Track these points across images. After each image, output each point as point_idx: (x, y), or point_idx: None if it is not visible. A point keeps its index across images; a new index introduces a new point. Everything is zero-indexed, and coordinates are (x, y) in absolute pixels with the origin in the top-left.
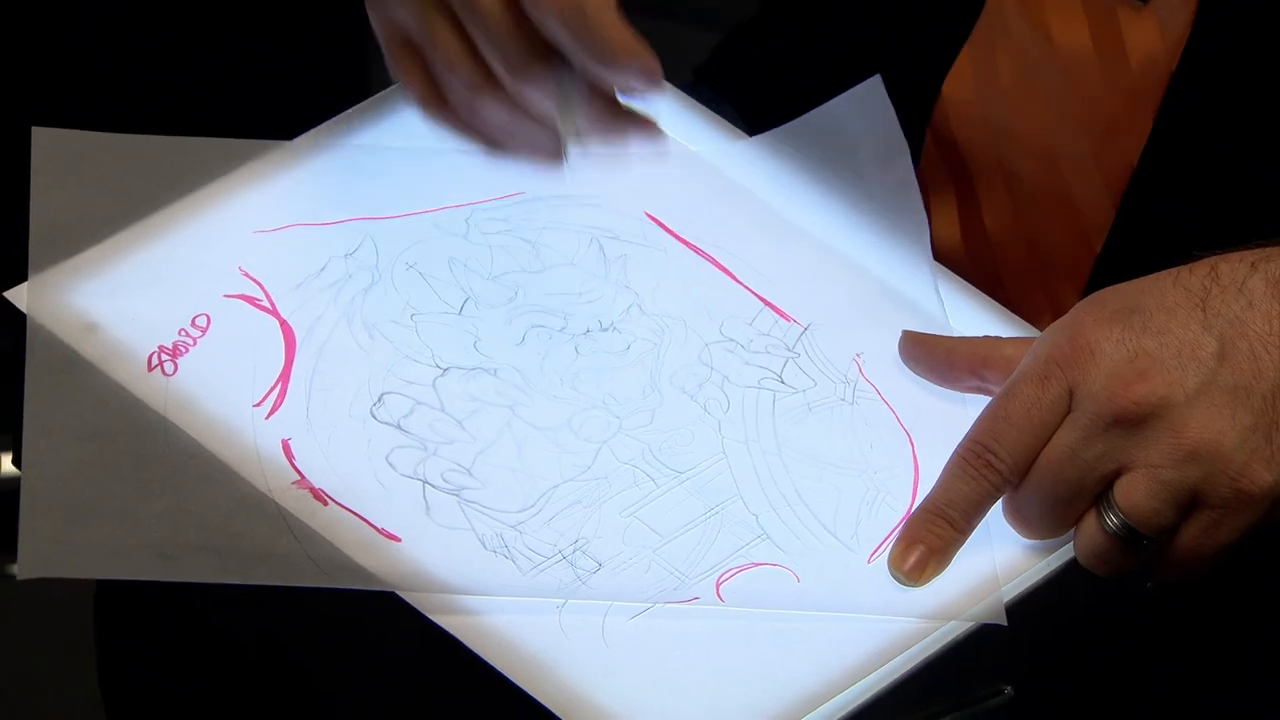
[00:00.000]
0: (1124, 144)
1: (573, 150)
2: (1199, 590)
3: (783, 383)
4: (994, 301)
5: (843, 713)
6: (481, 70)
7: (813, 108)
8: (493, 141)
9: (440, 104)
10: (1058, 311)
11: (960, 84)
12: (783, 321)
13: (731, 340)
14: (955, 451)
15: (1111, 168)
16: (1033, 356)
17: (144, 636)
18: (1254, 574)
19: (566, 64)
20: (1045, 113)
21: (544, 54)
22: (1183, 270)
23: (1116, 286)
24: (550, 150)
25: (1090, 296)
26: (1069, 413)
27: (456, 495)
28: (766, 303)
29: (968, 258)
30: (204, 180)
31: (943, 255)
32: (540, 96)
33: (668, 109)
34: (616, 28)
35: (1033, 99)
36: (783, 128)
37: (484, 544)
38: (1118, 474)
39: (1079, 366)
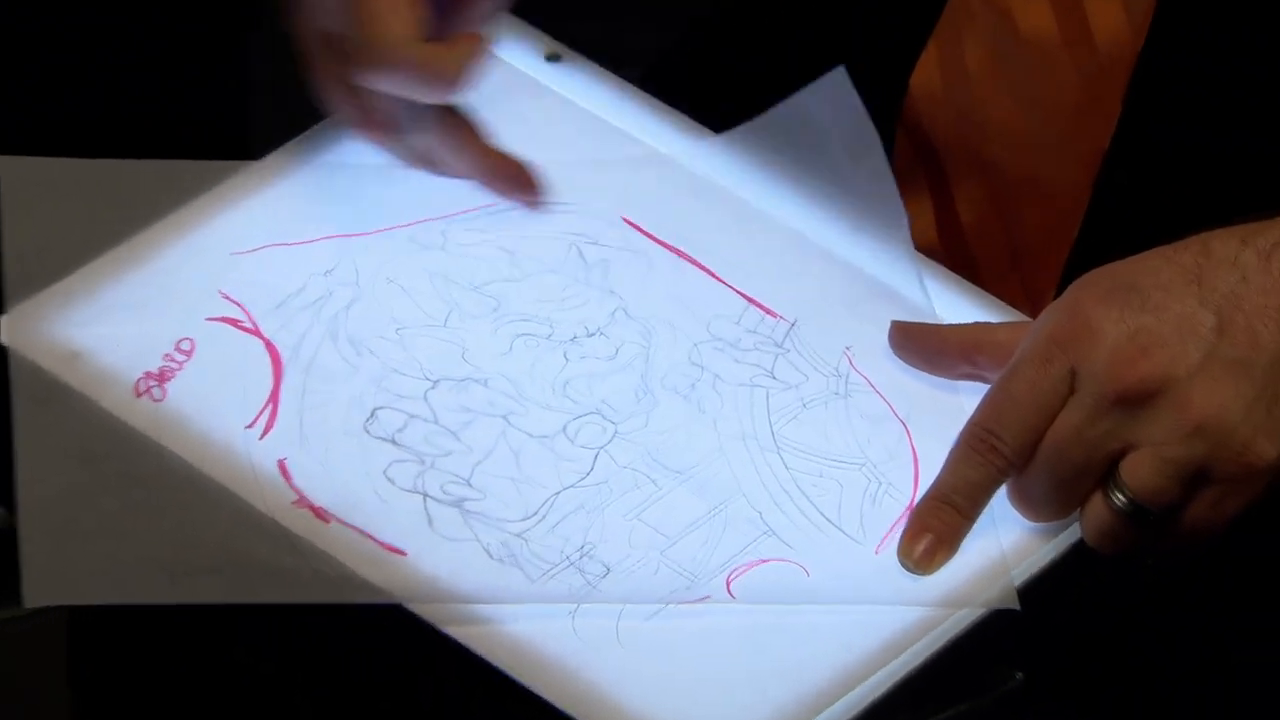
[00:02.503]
0: (1094, 126)
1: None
2: (1204, 566)
3: (774, 379)
4: (977, 288)
5: (860, 706)
6: None
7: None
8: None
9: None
10: (1034, 299)
11: (928, 76)
12: (769, 318)
13: (720, 339)
14: (959, 437)
15: (1083, 151)
16: (1033, 338)
17: (128, 665)
18: (1263, 549)
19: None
20: (1015, 100)
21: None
22: (1174, 248)
23: (1109, 266)
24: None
25: (1085, 277)
26: (1072, 393)
27: (458, 507)
28: (751, 300)
29: (943, 250)
30: (176, 203)
31: (918, 249)
32: None
33: (632, 111)
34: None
35: (1002, 87)
36: (749, 124)
37: (490, 554)
38: (1123, 452)
39: (1080, 346)
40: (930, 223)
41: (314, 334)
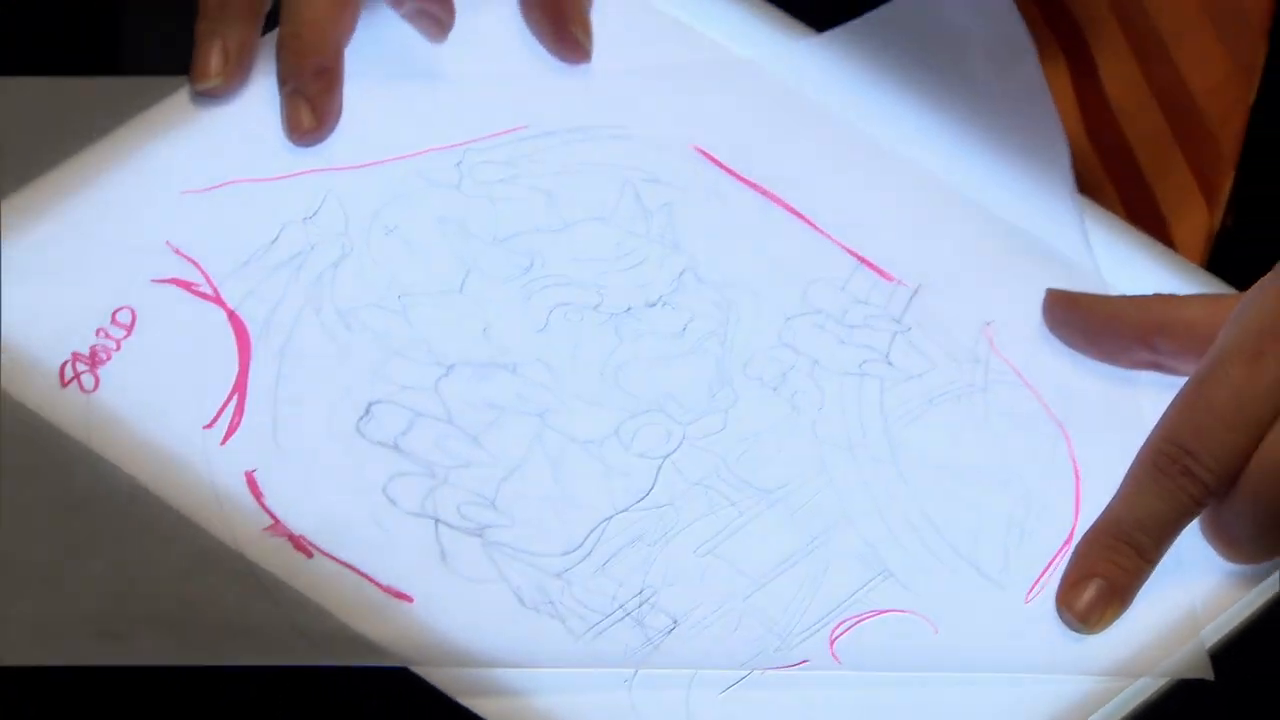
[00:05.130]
0: None
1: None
2: None
3: (891, 365)
4: (1160, 244)
5: None
6: None
7: None
8: None
9: None
10: (1210, 191)
11: None
12: (884, 283)
13: (820, 311)
14: (1141, 453)
15: None
16: (1238, 326)
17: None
18: None
19: None
20: None
21: None
22: None
23: None
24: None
25: None
26: None
27: (479, 536)
28: (861, 259)
29: (1090, 143)
30: (107, 129)
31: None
32: None
33: (707, 2)
34: None
35: None
36: (862, 19)
37: (521, 600)
38: None
39: None
40: (1071, 105)
41: (291, 302)
